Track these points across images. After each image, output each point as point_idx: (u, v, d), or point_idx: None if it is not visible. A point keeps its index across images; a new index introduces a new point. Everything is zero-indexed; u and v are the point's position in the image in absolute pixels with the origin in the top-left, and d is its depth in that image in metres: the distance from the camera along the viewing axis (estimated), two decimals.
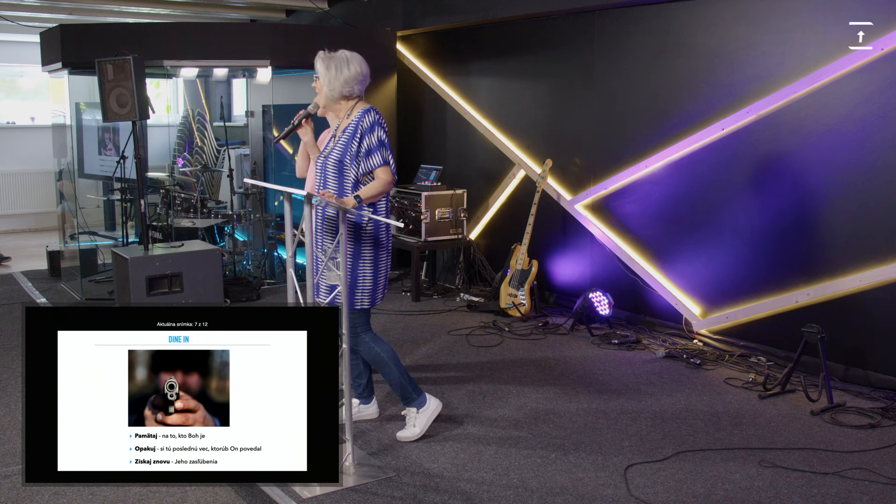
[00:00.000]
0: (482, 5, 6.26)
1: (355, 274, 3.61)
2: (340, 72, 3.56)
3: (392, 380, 3.73)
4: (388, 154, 3.60)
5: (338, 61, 3.58)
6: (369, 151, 3.56)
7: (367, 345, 3.70)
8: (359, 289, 3.62)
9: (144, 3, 7.94)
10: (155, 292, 5.21)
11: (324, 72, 3.59)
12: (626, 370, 4.75)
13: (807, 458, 3.56)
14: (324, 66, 3.59)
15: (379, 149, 3.57)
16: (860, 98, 4.30)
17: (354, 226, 3.59)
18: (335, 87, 3.59)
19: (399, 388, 3.74)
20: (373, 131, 3.57)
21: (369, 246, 3.62)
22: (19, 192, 9.99)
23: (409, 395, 3.76)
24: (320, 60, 3.61)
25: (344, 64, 3.58)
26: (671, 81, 5.24)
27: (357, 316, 3.65)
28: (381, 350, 3.71)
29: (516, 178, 6.47)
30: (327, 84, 3.59)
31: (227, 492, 3.21)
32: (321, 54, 3.62)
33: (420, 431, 3.74)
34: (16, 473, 3.36)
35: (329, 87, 3.59)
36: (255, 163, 7.81)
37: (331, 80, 3.58)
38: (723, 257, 5.04)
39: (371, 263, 3.63)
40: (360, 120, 3.58)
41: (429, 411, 3.79)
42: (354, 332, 3.65)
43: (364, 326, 3.71)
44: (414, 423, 3.76)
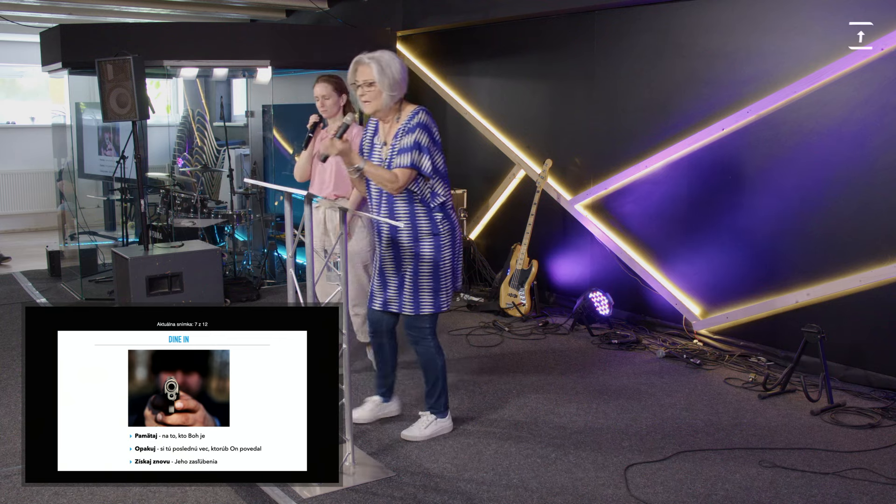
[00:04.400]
0: (482, 5, 6.26)
1: (438, 274, 3.57)
2: (396, 74, 3.41)
3: (434, 387, 3.74)
4: (420, 158, 3.44)
5: (391, 66, 3.41)
6: (402, 150, 3.45)
7: (430, 347, 3.68)
8: (442, 289, 3.60)
9: (144, 3, 7.93)
10: (155, 292, 5.21)
11: (379, 76, 3.39)
12: (626, 370, 4.75)
13: (807, 458, 3.56)
14: (377, 69, 3.39)
15: (410, 150, 3.43)
16: (860, 98, 4.30)
17: (420, 225, 3.53)
18: (395, 94, 3.44)
19: (436, 397, 3.76)
20: (413, 132, 3.45)
21: (448, 248, 3.58)
22: (19, 192, 9.99)
23: (440, 405, 3.78)
24: (372, 65, 3.39)
25: (396, 65, 3.42)
26: (671, 81, 5.24)
27: (433, 318, 3.65)
28: (440, 358, 3.72)
29: (516, 178, 6.47)
30: (388, 89, 3.41)
31: (227, 492, 3.21)
32: (364, 59, 3.43)
33: (427, 437, 3.73)
34: (16, 473, 3.36)
35: (388, 93, 3.42)
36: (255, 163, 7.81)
37: (390, 84, 3.41)
38: (723, 257, 5.04)
39: (450, 261, 3.61)
40: (410, 119, 3.48)
41: (443, 424, 3.79)
42: (423, 332, 3.64)
43: (433, 329, 3.69)
44: (425, 427, 3.75)
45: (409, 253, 3.56)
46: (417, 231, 3.54)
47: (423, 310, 3.60)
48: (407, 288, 3.59)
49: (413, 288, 3.57)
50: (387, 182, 3.44)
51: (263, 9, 8.36)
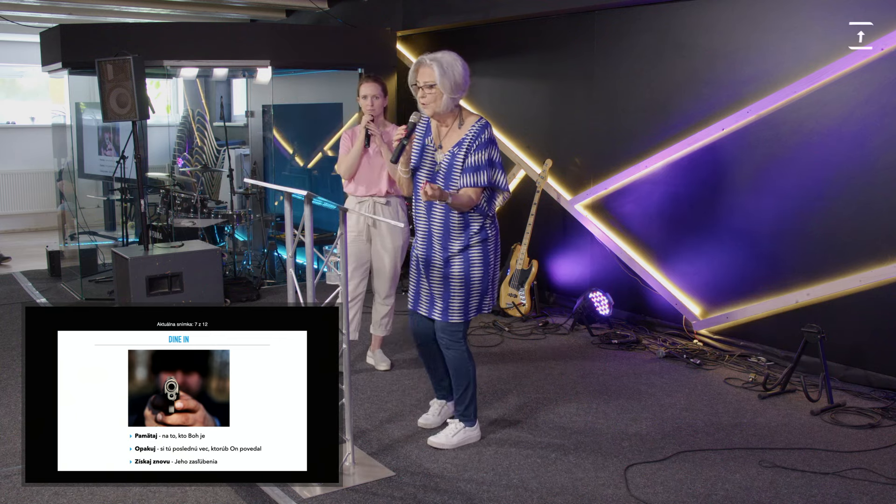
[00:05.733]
0: (482, 5, 6.26)
1: (471, 283, 3.51)
2: (459, 77, 3.33)
3: (465, 394, 3.65)
4: (495, 174, 3.41)
5: (454, 68, 3.33)
6: (477, 167, 3.37)
7: (463, 353, 3.61)
8: (472, 296, 3.53)
9: (144, 3, 7.94)
10: (155, 292, 5.21)
11: (441, 77, 3.30)
12: (626, 370, 4.75)
13: (807, 458, 3.56)
14: (439, 71, 3.30)
15: (486, 168, 3.37)
16: (860, 98, 4.30)
17: (471, 232, 3.48)
18: (455, 97, 3.36)
19: (465, 404, 3.67)
20: (486, 149, 3.38)
21: (483, 251, 3.51)
22: (19, 192, 9.99)
23: (469, 413, 3.69)
24: (435, 68, 3.31)
25: (459, 66, 3.34)
26: (671, 81, 5.24)
27: (466, 324, 3.59)
28: (471, 364, 3.65)
29: (516, 178, 6.47)
30: (449, 91, 3.32)
31: (227, 492, 3.21)
32: (425, 59, 3.35)
33: (454, 445, 3.65)
34: (16, 473, 3.36)
35: (449, 95, 3.33)
36: (255, 163, 7.82)
37: (452, 86, 3.32)
38: (723, 257, 5.04)
39: (483, 268, 3.53)
40: (480, 134, 3.39)
41: (472, 433, 3.71)
42: (455, 336, 3.57)
43: (465, 333, 3.63)
44: (453, 434, 3.67)
45: (458, 259, 3.49)
46: (469, 238, 3.48)
47: (468, 315, 3.55)
48: (452, 293, 3.51)
49: (457, 293, 3.51)
50: (466, 206, 3.40)
51: (263, 9, 8.36)
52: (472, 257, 3.50)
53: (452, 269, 3.51)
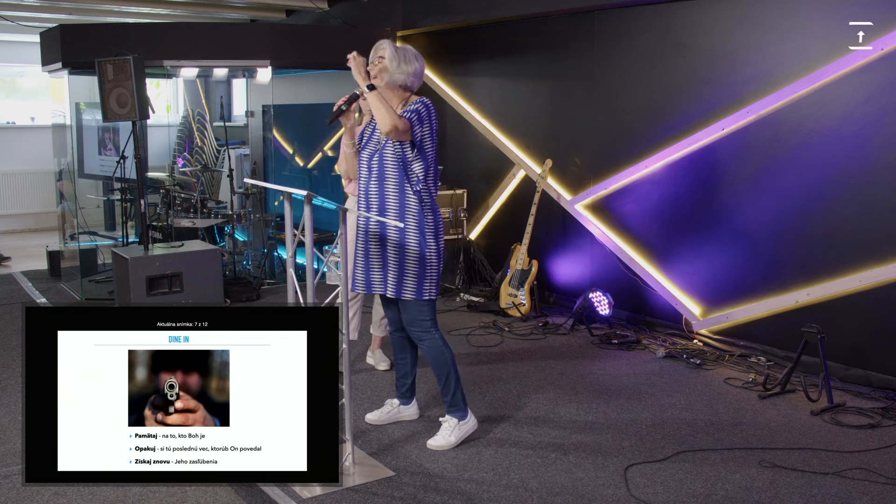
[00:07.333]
0: (482, 5, 6.26)
1: (423, 261, 3.52)
2: (410, 63, 3.53)
3: (447, 384, 3.63)
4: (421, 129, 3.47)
5: (407, 53, 3.57)
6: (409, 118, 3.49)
7: (435, 341, 3.60)
8: (426, 277, 3.53)
9: (144, 3, 7.94)
10: (155, 292, 5.21)
11: (391, 56, 3.52)
12: (626, 370, 4.75)
13: (807, 458, 3.56)
14: (392, 50, 3.54)
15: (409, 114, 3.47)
16: (860, 98, 4.30)
17: (414, 211, 3.51)
18: (398, 76, 3.52)
19: (451, 394, 3.64)
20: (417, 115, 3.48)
21: (431, 233, 3.54)
22: (19, 192, 9.99)
23: (458, 404, 3.66)
24: (388, 46, 3.56)
25: (413, 57, 3.57)
26: (671, 81, 5.24)
27: (427, 308, 3.57)
28: (448, 351, 3.62)
29: (516, 178, 6.47)
30: (395, 69, 3.52)
31: (227, 492, 3.21)
32: (385, 42, 3.58)
33: (455, 442, 3.64)
34: (16, 473, 3.36)
35: (393, 72, 3.52)
36: (255, 163, 7.82)
37: (399, 65, 3.52)
38: (723, 257, 5.04)
39: (434, 250, 3.55)
40: (416, 108, 3.51)
41: (467, 426, 3.70)
42: (424, 325, 3.57)
43: (434, 321, 3.61)
44: (450, 433, 3.65)
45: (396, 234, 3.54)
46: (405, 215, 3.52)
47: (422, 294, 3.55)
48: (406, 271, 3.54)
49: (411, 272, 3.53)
50: (387, 122, 3.39)
51: (263, 9, 8.36)
52: (414, 236, 3.51)
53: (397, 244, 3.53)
